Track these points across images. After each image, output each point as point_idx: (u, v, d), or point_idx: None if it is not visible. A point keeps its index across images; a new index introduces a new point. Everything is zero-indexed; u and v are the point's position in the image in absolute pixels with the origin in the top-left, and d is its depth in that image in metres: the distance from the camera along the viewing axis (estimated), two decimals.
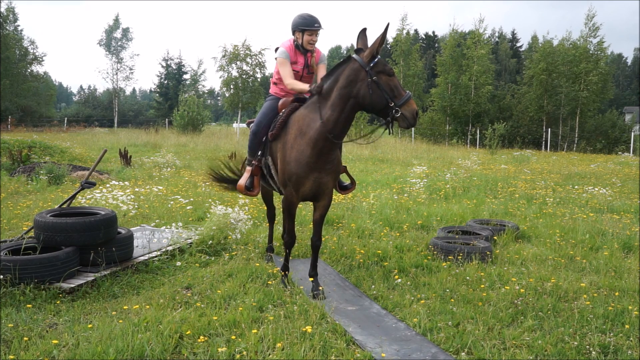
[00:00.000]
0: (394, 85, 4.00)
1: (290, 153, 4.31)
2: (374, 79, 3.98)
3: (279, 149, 4.49)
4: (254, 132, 4.79)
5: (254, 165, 4.80)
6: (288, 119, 4.51)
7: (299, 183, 4.30)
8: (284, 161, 4.36)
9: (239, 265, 5.01)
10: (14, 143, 14.29)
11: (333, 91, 4.15)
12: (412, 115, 3.99)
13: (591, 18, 33.46)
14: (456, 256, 5.42)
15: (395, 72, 4.12)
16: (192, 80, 56.49)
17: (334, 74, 4.19)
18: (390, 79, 4.00)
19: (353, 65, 4.07)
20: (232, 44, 38.30)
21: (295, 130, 4.35)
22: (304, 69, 4.79)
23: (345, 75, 4.09)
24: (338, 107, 4.13)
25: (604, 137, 32.57)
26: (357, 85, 4.05)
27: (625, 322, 3.83)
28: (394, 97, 3.99)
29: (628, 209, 8.86)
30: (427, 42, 63.06)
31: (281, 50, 4.74)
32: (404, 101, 3.97)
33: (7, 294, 3.99)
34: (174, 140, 24.42)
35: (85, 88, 72.20)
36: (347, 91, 4.08)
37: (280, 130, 4.52)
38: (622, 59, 76.85)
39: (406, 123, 4.01)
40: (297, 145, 4.28)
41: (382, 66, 4.00)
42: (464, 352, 3.37)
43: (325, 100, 4.22)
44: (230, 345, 3.27)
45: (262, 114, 4.82)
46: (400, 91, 4.01)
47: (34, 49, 44.86)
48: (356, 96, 4.07)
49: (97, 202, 6.82)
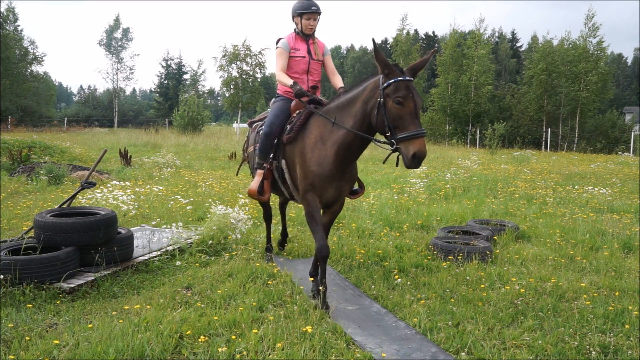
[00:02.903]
0: (398, 115, 3.58)
1: (311, 157, 4.12)
2: (380, 100, 3.68)
3: (297, 154, 4.28)
4: (267, 134, 4.53)
5: (265, 168, 4.57)
6: (306, 122, 4.32)
7: (321, 188, 4.12)
8: (305, 165, 4.15)
9: (239, 265, 5.01)
10: (14, 143, 14.28)
11: (358, 101, 3.93)
12: (409, 157, 3.51)
13: (591, 18, 33.47)
14: (456, 256, 5.42)
15: (410, 104, 3.56)
16: (192, 80, 56.52)
17: (365, 84, 3.94)
18: (397, 106, 3.56)
19: (376, 80, 3.80)
20: (232, 44, 38.33)
21: (315, 135, 4.16)
22: (309, 55, 4.66)
23: (369, 88, 3.85)
24: (360, 119, 3.90)
25: (604, 137, 32.57)
26: (372, 101, 3.80)
27: (625, 322, 3.83)
28: (396, 127, 3.61)
29: (628, 209, 8.86)
30: (427, 42, 63.04)
31: (281, 41, 4.67)
32: (405, 137, 3.54)
33: (7, 294, 3.99)
34: (174, 140, 24.42)
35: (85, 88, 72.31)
36: (366, 105, 3.85)
37: (298, 133, 4.31)
38: (622, 59, 76.85)
39: (404, 162, 3.60)
40: (318, 150, 4.10)
41: (393, 91, 3.59)
42: (464, 352, 3.37)
43: (349, 108, 4.00)
44: (230, 345, 3.27)
45: (274, 115, 4.60)
46: (406, 124, 3.56)
47: (34, 49, 44.88)
48: (369, 113, 3.83)
49: (97, 202, 6.82)
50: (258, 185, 4.56)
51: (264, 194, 4.58)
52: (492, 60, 39.80)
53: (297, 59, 4.64)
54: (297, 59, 4.65)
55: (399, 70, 3.66)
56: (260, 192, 4.56)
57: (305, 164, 4.14)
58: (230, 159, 16.71)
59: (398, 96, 3.55)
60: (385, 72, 3.66)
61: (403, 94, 3.55)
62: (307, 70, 4.69)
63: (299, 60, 4.64)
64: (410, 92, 3.56)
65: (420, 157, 3.50)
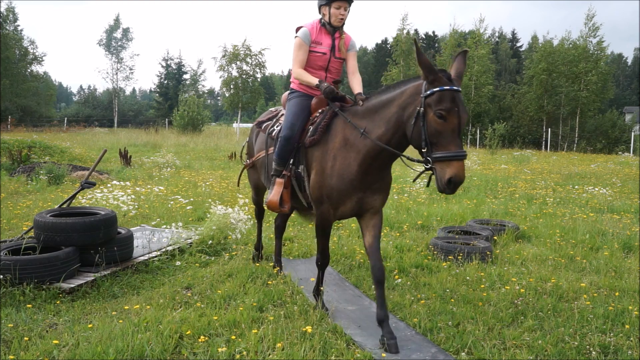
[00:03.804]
0: (439, 131, 3.11)
1: (332, 165, 3.66)
2: (420, 110, 3.18)
3: (316, 158, 3.80)
4: (288, 137, 3.96)
5: (285, 176, 4.03)
6: (330, 123, 3.84)
7: (339, 201, 3.68)
8: (323, 174, 3.70)
9: (239, 265, 5.01)
10: (14, 143, 14.28)
11: (393, 105, 3.44)
12: (444, 181, 3.07)
13: (591, 18, 33.51)
14: (456, 256, 5.42)
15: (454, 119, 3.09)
16: (192, 80, 56.56)
17: (403, 86, 3.44)
18: (439, 120, 3.09)
19: (418, 85, 3.29)
20: (232, 44, 38.33)
21: (340, 139, 3.69)
22: (331, 52, 4.06)
23: (409, 93, 3.35)
24: (393, 127, 3.43)
25: (604, 137, 32.57)
26: (410, 109, 3.31)
27: (625, 322, 3.83)
28: (433, 144, 3.14)
29: (628, 209, 8.86)
30: (427, 42, 63.02)
31: (302, 30, 4.03)
32: (443, 157, 3.08)
33: (7, 294, 3.99)
34: (174, 140, 24.43)
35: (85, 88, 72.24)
36: (402, 112, 3.37)
37: (322, 135, 3.83)
38: (622, 59, 76.84)
39: (437, 184, 3.16)
40: (341, 158, 3.64)
41: (436, 101, 3.09)
42: (464, 352, 3.37)
43: (382, 112, 3.52)
44: (230, 345, 3.27)
45: (294, 114, 4.04)
46: (446, 142, 3.09)
47: (34, 49, 44.90)
48: (405, 122, 3.35)
49: (97, 202, 6.83)
50: (279, 196, 4.02)
51: (284, 205, 4.06)
52: (492, 60, 39.81)
53: (317, 54, 4.05)
54: (317, 55, 4.05)
55: (446, 78, 3.15)
56: (281, 204, 4.06)
57: (324, 173, 3.70)
58: (230, 159, 16.71)
59: (441, 109, 3.07)
60: (430, 78, 3.15)
61: (447, 106, 3.06)
62: (326, 68, 4.12)
63: (318, 56, 4.05)
64: (455, 106, 3.07)
65: (456, 182, 3.07)
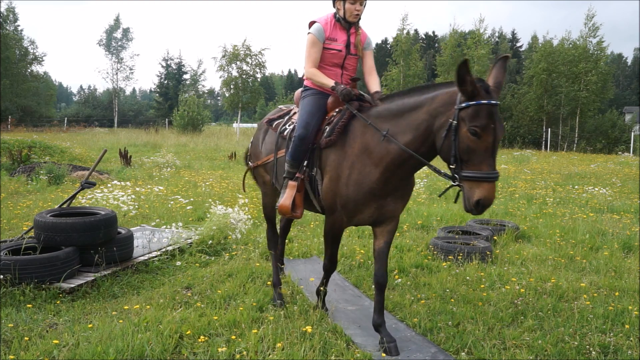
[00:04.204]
0: (471, 148, 2.87)
1: (349, 173, 3.42)
2: (453, 123, 2.94)
3: (331, 162, 3.56)
4: (303, 137, 3.69)
5: (298, 179, 3.75)
6: (348, 124, 3.57)
7: (355, 211, 3.47)
8: (339, 181, 3.47)
9: (239, 265, 5.01)
10: (14, 143, 14.29)
11: (422, 110, 3.18)
12: (472, 202, 2.87)
13: (591, 18, 33.45)
14: (456, 256, 5.42)
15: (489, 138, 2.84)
16: (192, 80, 56.54)
17: (434, 91, 3.18)
18: (472, 137, 2.85)
19: (453, 93, 3.03)
20: (232, 44, 38.33)
21: (359, 143, 3.44)
22: (346, 49, 3.80)
23: (441, 100, 3.09)
24: (422, 135, 3.17)
25: (604, 137, 32.55)
26: (441, 118, 3.06)
27: (625, 322, 3.83)
28: (463, 161, 2.92)
29: (628, 209, 8.86)
30: (427, 42, 63.03)
31: (315, 26, 3.76)
32: (473, 177, 2.87)
33: (7, 294, 3.99)
34: (174, 140, 24.44)
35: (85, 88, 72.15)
36: (433, 120, 3.12)
37: (338, 137, 3.58)
38: (622, 59, 76.85)
39: (464, 204, 2.96)
40: (359, 165, 3.40)
41: (471, 116, 2.84)
42: (464, 352, 3.37)
43: (409, 117, 3.25)
44: (230, 345, 3.27)
45: (309, 113, 3.78)
46: (478, 161, 2.87)
47: (34, 49, 44.88)
48: (435, 132, 3.11)
49: (97, 202, 6.83)
50: (291, 200, 3.76)
51: (296, 210, 3.77)
52: (492, 61, 39.72)
53: (332, 52, 3.78)
54: (332, 52, 3.78)
55: (485, 90, 2.86)
56: (293, 208, 3.77)
57: (339, 181, 3.47)
58: (230, 159, 16.71)
59: (476, 125, 2.82)
60: (469, 89, 2.85)
61: (483, 123, 2.82)
62: (342, 65, 3.85)
63: (333, 53, 3.78)
64: (492, 122, 2.82)
65: (485, 205, 2.87)
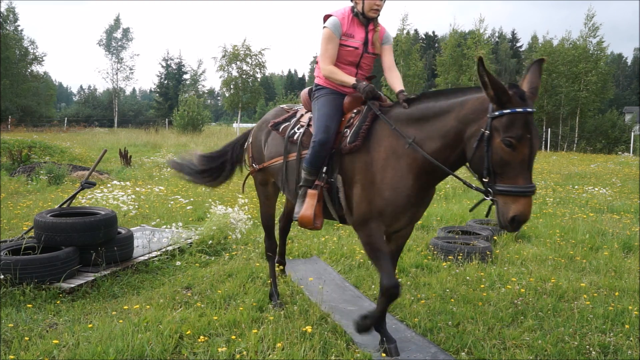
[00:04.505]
0: (505, 161, 2.64)
1: (383, 177, 3.17)
2: (485, 133, 2.70)
3: (358, 169, 3.28)
4: (324, 142, 3.37)
5: (318, 187, 3.45)
6: (371, 127, 3.31)
7: (393, 218, 3.21)
8: (372, 186, 3.19)
9: (239, 265, 5.01)
10: (14, 143, 14.29)
11: (450, 117, 2.94)
12: (507, 218, 2.65)
13: (591, 18, 33.48)
14: (456, 256, 5.42)
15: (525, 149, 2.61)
16: (192, 80, 56.54)
17: (464, 96, 2.94)
18: (506, 149, 2.62)
19: (484, 100, 2.77)
20: (232, 44, 38.32)
21: (386, 147, 3.20)
22: (364, 46, 3.51)
23: (471, 107, 2.85)
24: (451, 143, 2.93)
25: (604, 137, 32.58)
26: (472, 127, 2.82)
27: (625, 322, 3.83)
28: (497, 174, 2.69)
29: (628, 209, 8.86)
30: (427, 42, 63.07)
31: (331, 20, 3.47)
32: (508, 191, 2.64)
33: (7, 294, 3.99)
34: (174, 140, 24.43)
35: (85, 88, 72.11)
36: (464, 127, 2.87)
37: (362, 141, 3.30)
38: (622, 59, 76.87)
39: (497, 220, 2.74)
40: (391, 169, 3.16)
41: (505, 126, 2.61)
42: (464, 352, 3.37)
43: (436, 123, 3.01)
44: (230, 345, 3.27)
45: (328, 115, 3.46)
46: (514, 174, 2.64)
47: (34, 49, 44.89)
48: (466, 141, 2.87)
49: (97, 202, 6.83)
50: (313, 211, 3.41)
51: (317, 220, 3.44)
52: (492, 61, 39.84)
53: (348, 49, 3.48)
54: (347, 50, 3.49)
55: (519, 97, 2.63)
56: (314, 219, 3.44)
57: (374, 186, 3.19)
58: None
59: (511, 136, 2.59)
60: (504, 99, 2.62)
61: (518, 134, 2.59)
62: (357, 64, 3.57)
63: (349, 51, 3.49)
64: (528, 132, 2.59)
65: (521, 221, 2.66)
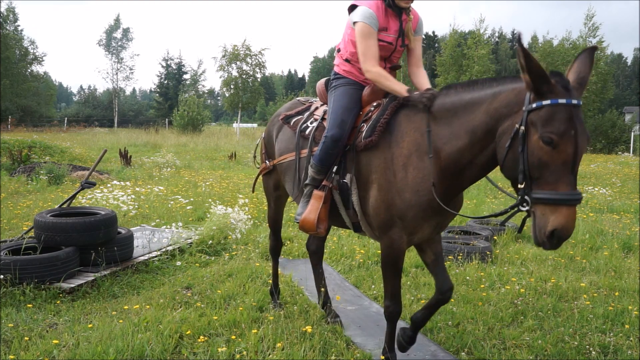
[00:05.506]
0: (544, 162, 2.22)
1: (403, 176, 2.78)
2: (520, 128, 2.29)
3: (375, 167, 2.90)
4: (337, 137, 3.01)
5: (326, 188, 3.08)
6: (391, 120, 2.93)
7: (416, 224, 2.82)
8: (391, 188, 2.82)
9: (239, 265, 5.01)
10: (14, 143, 14.29)
11: (479, 110, 2.55)
12: (546, 232, 2.23)
13: (591, 18, 33.48)
14: (456, 256, 5.42)
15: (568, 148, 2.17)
16: (192, 80, 56.55)
17: (496, 87, 2.54)
18: (546, 148, 2.19)
19: (520, 91, 2.38)
20: (232, 44, 38.31)
21: (409, 143, 2.81)
22: (398, 40, 3.09)
23: (504, 99, 2.45)
24: (480, 140, 2.54)
25: (604, 137, 32.58)
26: (504, 122, 2.42)
27: (625, 322, 3.83)
28: (534, 178, 2.27)
29: (628, 209, 8.87)
30: (427, 42, 63.07)
31: (364, 11, 2.97)
32: (547, 199, 2.22)
33: (7, 294, 3.99)
34: (174, 140, 24.43)
35: (85, 88, 72.01)
36: (495, 123, 2.48)
37: (380, 136, 2.92)
38: (622, 59, 76.89)
39: (533, 234, 2.33)
40: (413, 168, 2.76)
41: (545, 120, 2.19)
42: (464, 351, 3.37)
43: (463, 116, 2.63)
44: (230, 345, 3.27)
45: (344, 108, 3.09)
46: (554, 178, 2.21)
47: (34, 49, 44.87)
48: (497, 139, 2.47)
49: (97, 202, 6.83)
50: (317, 214, 3.08)
51: (320, 225, 3.10)
52: (493, 61, 39.80)
53: (381, 44, 3.05)
54: (381, 45, 3.05)
55: (562, 86, 2.22)
56: (317, 223, 3.10)
57: (392, 187, 2.81)
58: (230, 159, 16.71)
59: (551, 131, 2.17)
60: (544, 87, 2.21)
61: (561, 129, 2.16)
62: (387, 58, 3.15)
63: (382, 46, 3.06)
64: (572, 128, 2.17)
65: (562, 236, 2.21)
